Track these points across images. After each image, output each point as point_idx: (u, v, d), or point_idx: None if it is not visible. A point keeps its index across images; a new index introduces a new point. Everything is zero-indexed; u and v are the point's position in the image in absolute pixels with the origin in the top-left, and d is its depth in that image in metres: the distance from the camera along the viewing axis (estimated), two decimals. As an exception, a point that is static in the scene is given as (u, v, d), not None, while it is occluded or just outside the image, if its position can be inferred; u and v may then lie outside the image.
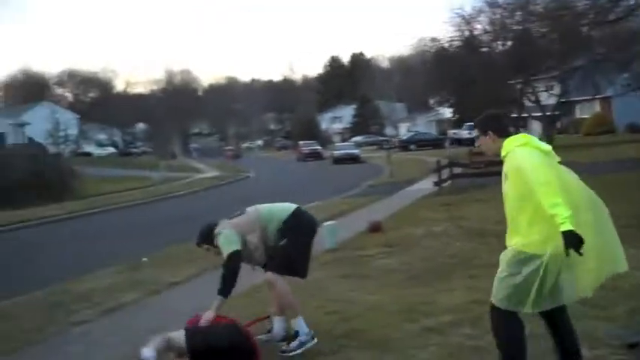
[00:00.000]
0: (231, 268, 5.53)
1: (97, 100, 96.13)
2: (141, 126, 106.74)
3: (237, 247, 5.61)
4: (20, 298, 9.24)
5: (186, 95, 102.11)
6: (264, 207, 6.02)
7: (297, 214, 5.89)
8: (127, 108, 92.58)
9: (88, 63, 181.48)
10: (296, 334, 5.76)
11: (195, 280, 9.42)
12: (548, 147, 4.34)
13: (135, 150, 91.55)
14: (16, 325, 7.62)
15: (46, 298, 9.02)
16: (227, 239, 5.67)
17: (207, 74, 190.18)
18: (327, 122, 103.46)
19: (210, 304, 5.53)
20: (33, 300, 9.00)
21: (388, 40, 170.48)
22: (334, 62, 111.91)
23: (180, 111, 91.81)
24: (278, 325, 6.02)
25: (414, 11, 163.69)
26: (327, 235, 10.81)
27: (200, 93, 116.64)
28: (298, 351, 5.60)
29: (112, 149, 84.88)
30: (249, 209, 6.00)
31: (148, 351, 4.96)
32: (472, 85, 36.30)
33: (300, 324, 5.76)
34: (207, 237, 5.88)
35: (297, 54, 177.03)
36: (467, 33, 38.33)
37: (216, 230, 5.81)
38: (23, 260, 14.41)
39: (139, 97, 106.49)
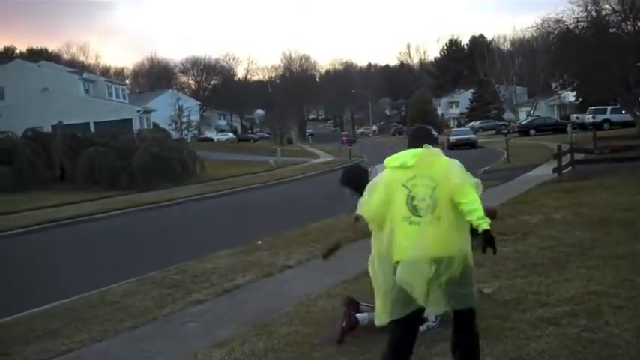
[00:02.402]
0: None
1: (218, 87, 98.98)
2: (259, 112, 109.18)
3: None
4: (143, 276, 9.68)
5: (304, 81, 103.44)
6: None
7: None
8: (246, 94, 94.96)
9: (211, 51, 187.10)
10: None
11: (307, 264, 9.55)
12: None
13: (252, 135, 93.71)
14: (137, 303, 8.01)
15: (166, 277, 9.41)
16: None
17: (325, 60, 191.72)
18: (443, 107, 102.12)
19: None
20: (154, 279, 9.42)
21: (510, 22, 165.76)
22: (452, 45, 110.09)
23: (298, 97, 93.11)
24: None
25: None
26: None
27: (317, 79, 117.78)
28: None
29: (230, 135, 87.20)
30: None
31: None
32: (598, 67, 34.70)
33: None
34: (351, 182, 5.86)
35: (415, 37, 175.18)
36: (594, 13, 36.71)
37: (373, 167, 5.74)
38: (148, 242, 15.08)
39: (258, 83, 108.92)
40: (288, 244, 11.18)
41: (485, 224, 4.28)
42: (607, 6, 36.48)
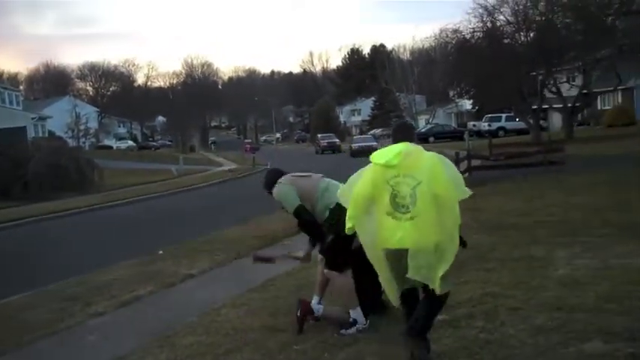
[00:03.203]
0: (305, 221, 6.04)
1: (117, 94, 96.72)
2: (160, 119, 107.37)
3: (298, 202, 6.01)
4: (38, 290, 9.31)
5: (206, 88, 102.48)
6: (326, 181, 6.26)
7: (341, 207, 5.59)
8: (146, 101, 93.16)
9: (110, 56, 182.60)
10: (354, 322, 5.86)
11: (211, 273, 9.44)
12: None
13: (154, 143, 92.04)
14: (33, 317, 7.70)
15: (64, 290, 9.08)
16: (285, 195, 6.09)
17: (228, 67, 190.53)
18: (345, 115, 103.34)
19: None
20: (51, 292, 9.07)
21: (409, 32, 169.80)
22: (354, 54, 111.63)
23: (200, 104, 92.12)
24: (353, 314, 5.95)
25: (436, 2, 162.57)
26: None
27: (220, 86, 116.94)
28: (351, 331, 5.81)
29: (130, 142, 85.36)
30: (315, 175, 6.34)
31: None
32: (494, 77, 35.99)
33: (358, 313, 5.89)
34: (272, 185, 6.27)
35: (317, 45, 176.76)
36: (489, 24, 38.04)
37: (279, 180, 6.23)
38: (42, 253, 14.53)
39: (160, 90, 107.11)
40: (191, 254, 11.00)
41: None
42: (502, 17, 37.92)
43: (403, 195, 4.65)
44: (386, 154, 4.84)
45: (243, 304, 7.22)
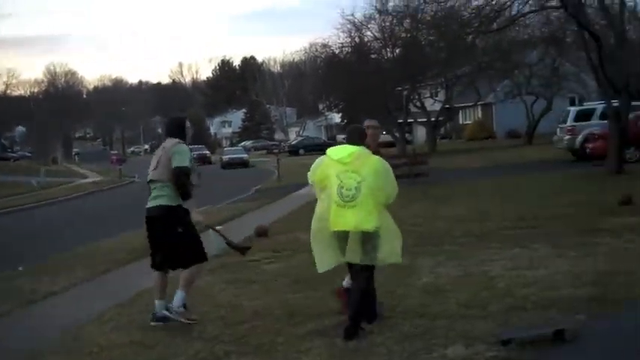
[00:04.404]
0: (185, 182, 6.40)
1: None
2: (20, 129, 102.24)
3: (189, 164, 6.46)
4: None
5: (70, 97, 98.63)
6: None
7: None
8: (6, 110, 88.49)
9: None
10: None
11: (76, 288, 9.05)
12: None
13: (13, 154, 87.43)
14: None
15: None
16: (185, 152, 6.57)
17: (93, 76, 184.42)
18: (216, 126, 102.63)
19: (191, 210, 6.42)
20: None
21: (279, 45, 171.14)
22: (225, 66, 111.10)
23: (63, 114, 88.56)
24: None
25: (306, 16, 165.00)
26: (213, 241, 10.68)
27: (85, 95, 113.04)
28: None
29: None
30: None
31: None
32: (361, 91, 36.93)
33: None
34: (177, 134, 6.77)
35: (187, 56, 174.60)
36: (357, 40, 39.00)
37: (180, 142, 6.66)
38: None
39: (20, 99, 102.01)
40: (53, 270, 10.50)
41: None
42: (369, 33, 39.02)
43: (348, 187, 5.62)
44: (341, 152, 5.82)
45: (109, 320, 6.99)
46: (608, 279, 6.74)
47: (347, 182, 5.64)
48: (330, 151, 5.94)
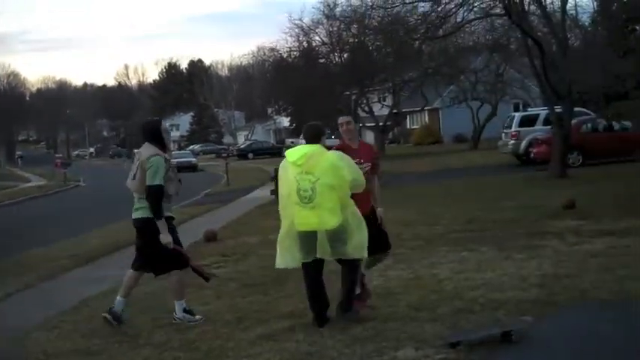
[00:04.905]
0: (158, 199, 6.33)
1: None
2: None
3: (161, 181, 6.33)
4: None
5: (12, 99, 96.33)
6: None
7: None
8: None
9: None
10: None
11: (18, 296, 8.81)
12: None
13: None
14: None
15: None
16: (158, 169, 6.34)
17: (37, 77, 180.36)
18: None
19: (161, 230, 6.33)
20: None
21: (227, 48, 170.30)
22: (172, 68, 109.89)
23: (5, 116, 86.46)
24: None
25: (254, 20, 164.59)
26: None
27: (28, 97, 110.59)
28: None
29: None
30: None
31: None
32: (310, 95, 37.01)
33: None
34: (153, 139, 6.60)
35: (133, 58, 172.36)
36: (305, 44, 39.07)
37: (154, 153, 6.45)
38: None
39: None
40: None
41: None
42: (317, 38, 39.13)
43: (305, 189, 5.79)
44: (296, 154, 5.95)
45: (54, 327, 6.84)
46: (553, 281, 6.88)
47: (303, 184, 5.81)
48: (287, 153, 6.07)
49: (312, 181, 5.76)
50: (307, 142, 6.05)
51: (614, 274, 6.96)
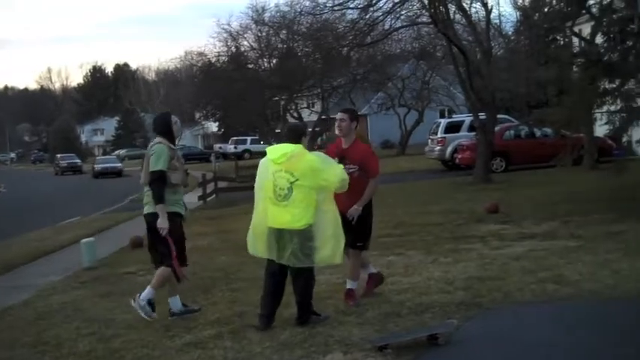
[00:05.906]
0: (160, 185, 6.30)
1: None
2: None
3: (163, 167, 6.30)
4: None
5: None
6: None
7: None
8: None
9: None
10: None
11: None
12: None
13: None
14: None
15: None
16: (160, 155, 6.32)
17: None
18: (87, 134, 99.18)
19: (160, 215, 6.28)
20: None
21: (155, 52, 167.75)
22: (97, 72, 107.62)
23: None
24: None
25: (182, 24, 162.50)
26: (84, 253, 10.36)
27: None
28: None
29: None
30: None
31: None
32: (239, 100, 36.83)
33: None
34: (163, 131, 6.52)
35: (56, 61, 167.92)
36: (234, 49, 38.84)
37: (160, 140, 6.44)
38: None
39: None
40: None
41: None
42: (246, 43, 38.95)
43: (281, 187, 5.86)
44: (277, 151, 6.02)
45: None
46: (478, 284, 7.02)
47: (280, 182, 5.89)
48: (268, 150, 6.19)
49: (291, 181, 5.83)
50: (288, 142, 6.04)
51: (536, 276, 7.15)
